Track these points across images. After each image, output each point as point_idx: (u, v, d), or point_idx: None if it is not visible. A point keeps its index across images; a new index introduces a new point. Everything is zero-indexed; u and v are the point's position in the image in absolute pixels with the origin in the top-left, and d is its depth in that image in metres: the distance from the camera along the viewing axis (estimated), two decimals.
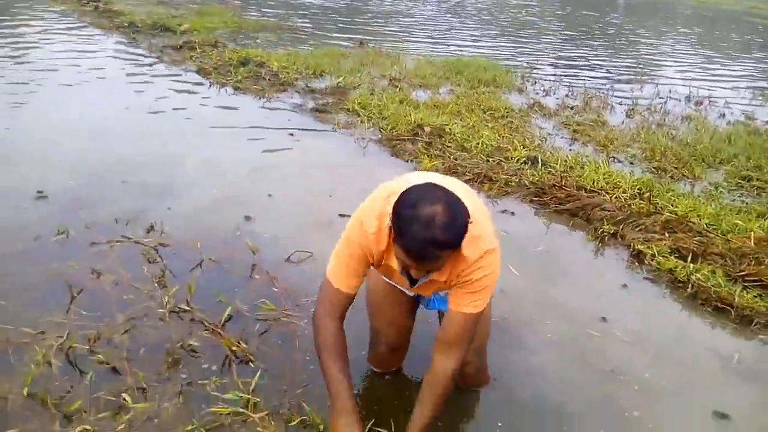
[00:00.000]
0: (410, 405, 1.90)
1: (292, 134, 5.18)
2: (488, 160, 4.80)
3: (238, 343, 2.41)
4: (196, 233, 3.23)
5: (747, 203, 4.45)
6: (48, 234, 3.10)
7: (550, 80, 8.19)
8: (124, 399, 2.08)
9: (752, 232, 3.75)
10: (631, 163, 5.19)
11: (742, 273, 3.33)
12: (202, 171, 4.17)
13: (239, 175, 4.15)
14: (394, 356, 2.34)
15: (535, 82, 8.00)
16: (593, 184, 4.35)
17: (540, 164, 4.72)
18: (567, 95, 7.44)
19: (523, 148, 5.06)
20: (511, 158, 4.84)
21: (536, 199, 4.22)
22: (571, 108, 6.80)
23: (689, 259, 3.45)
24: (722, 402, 2.41)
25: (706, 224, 3.87)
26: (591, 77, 8.86)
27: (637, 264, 3.50)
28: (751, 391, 2.53)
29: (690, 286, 3.24)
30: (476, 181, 4.40)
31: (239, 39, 8.91)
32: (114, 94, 5.80)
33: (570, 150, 5.31)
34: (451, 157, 4.86)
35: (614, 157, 5.25)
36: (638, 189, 4.32)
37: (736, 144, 5.83)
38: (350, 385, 1.77)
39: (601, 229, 3.79)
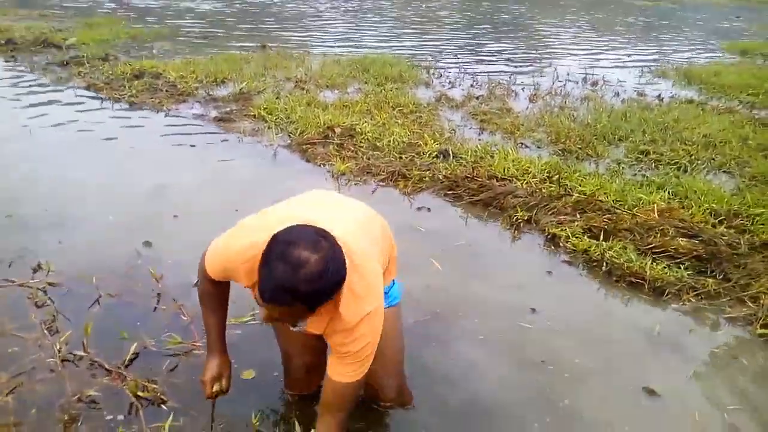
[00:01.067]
0: None
1: (194, 146, 4.90)
2: (401, 157, 4.75)
3: (146, 384, 2.19)
4: (91, 267, 2.93)
5: (647, 176, 4.66)
6: None
7: (454, 72, 8.29)
8: None
9: (655, 204, 3.92)
10: (539, 147, 5.30)
11: (650, 246, 3.45)
12: (96, 196, 3.83)
13: (137, 198, 3.85)
14: (312, 377, 2.18)
15: (441, 75, 8.07)
16: (504, 171, 4.39)
17: (451, 157, 4.72)
18: (472, 85, 7.54)
19: (434, 142, 5.05)
20: (423, 153, 4.81)
21: (450, 192, 4.21)
22: (477, 98, 6.89)
23: (601, 237, 3.54)
24: (649, 377, 2.46)
25: (613, 201, 4.00)
26: (493, 66, 9.06)
27: (553, 247, 3.55)
28: (674, 363, 2.59)
29: (604, 264, 3.32)
30: (391, 180, 4.34)
31: (133, 50, 8.37)
32: None
33: (479, 140, 5.36)
34: (364, 157, 4.76)
35: (522, 143, 5.35)
36: (547, 172, 4.41)
37: (631, 120, 6.12)
38: (220, 330, 1.95)
39: (515, 217, 3.83)
